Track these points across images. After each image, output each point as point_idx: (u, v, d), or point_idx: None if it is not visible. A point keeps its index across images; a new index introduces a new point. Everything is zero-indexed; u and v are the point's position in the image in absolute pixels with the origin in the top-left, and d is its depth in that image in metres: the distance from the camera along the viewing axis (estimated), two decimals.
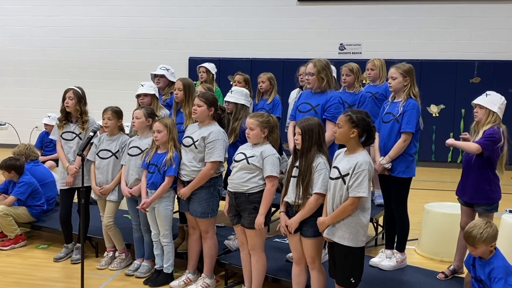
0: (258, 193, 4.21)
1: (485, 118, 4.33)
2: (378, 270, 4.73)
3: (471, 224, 3.81)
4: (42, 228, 6.10)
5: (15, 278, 5.07)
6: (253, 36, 12.07)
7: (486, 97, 4.41)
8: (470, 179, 4.44)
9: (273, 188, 4.20)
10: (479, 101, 4.41)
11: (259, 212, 4.19)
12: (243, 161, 4.24)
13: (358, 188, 3.59)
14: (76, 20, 12.67)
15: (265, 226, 4.31)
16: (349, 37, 11.80)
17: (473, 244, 3.68)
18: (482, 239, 3.65)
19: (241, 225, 4.33)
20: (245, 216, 4.27)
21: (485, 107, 4.34)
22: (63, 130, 5.35)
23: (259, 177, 4.21)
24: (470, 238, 3.69)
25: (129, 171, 5.00)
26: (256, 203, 4.22)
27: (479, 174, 4.37)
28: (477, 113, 4.39)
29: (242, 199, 4.27)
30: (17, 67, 12.96)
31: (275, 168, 4.19)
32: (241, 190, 4.25)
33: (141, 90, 5.36)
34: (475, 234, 3.67)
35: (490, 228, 3.70)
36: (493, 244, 3.71)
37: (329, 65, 4.80)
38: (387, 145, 4.69)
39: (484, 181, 4.36)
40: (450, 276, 4.61)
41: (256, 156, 4.20)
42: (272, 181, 4.19)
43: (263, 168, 4.19)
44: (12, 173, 6.02)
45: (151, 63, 8.26)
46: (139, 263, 5.16)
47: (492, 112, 4.33)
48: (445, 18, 11.44)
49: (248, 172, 4.22)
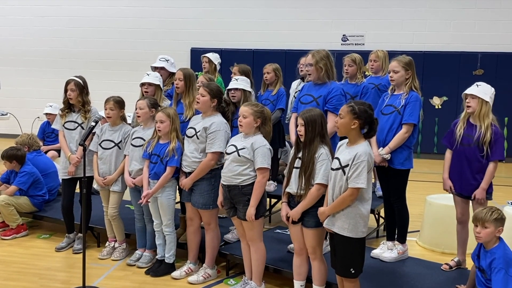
0: (251, 185, 4.19)
1: (479, 108, 4.36)
2: (380, 262, 4.74)
3: (480, 208, 3.89)
4: (44, 218, 6.11)
5: (16, 268, 5.08)
6: (255, 27, 12.04)
7: (478, 88, 4.42)
8: (468, 172, 4.46)
9: (264, 179, 4.19)
10: (471, 91, 4.41)
11: (250, 204, 4.18)
12: (234, 153, 4.22)
13: (357, 179, 3.59)
14: (78, 10, 12.64)
15: (261, 217, 4.30)
16: (352, 28, 11.75)
17: (483, 223, 3.69)
18: (493, 217, 3.70)
19: (237, 217, 4.34)
20: (240, 208, 4.27)
21: (478, 97, 4.35)
22: (65, 119, 5.35)
23: (250, 169, 4.20)
24: (481, 217, 3.72)
25: (132, 161, 5.00)
26: (249, 195, 4.20)
27: (479, 168, 4.41)
28: (470, 103, 4.40)
29: (235, 192, 4.26)
30: (19, 57, 12.94)
31: (266, 160, 4.17)
32: (234, 182, 4.23)
33: (146, 79, 5.31)
34: (486, 212, 3.73)
35: (499, 211, 3.78)
36: (500, 230, 3.72)
37: (328, 55, 4.76)
38: (388, 137, 4.68)
39: (483, 173, 4.41)
40: (454, 268, 4.62)
41: (246, 148, 4.18)
42: (263, 173, 4.17)
43: (254, 160, 4.17)
44: (14, 163, 6.02)
45: (153, 54, 8.22)
46: (140, 253, 5.17)
47: (485, 101, 4.35)
48: (449, 10, 11.39)
49: (239, 165, 4.20)
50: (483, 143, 4.33)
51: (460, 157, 4.50)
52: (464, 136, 4.45)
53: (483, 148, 4.34)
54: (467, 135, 4.44)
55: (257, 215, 4.22)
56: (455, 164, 4.55)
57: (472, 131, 4.41)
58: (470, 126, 4.44)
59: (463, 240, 4.69)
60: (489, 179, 4.41)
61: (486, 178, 4.40)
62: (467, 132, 4.44)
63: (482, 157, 4.37)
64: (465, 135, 4.45)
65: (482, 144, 4.34)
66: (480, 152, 4.37)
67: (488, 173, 4.39)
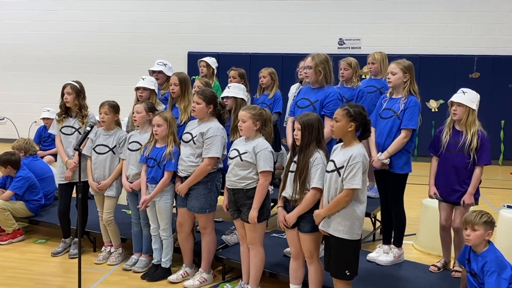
0: (255, 188, 4.21)
1: (466, 117, 4.39)
2: (376, 265, 4.73)
3: (469, 212, 3.90)
4: (40, 223, 6.09)
5: (12, 273, 5.07)
6: (252, 31, 12.07)
7: (464, 95, 4.44)
8: (455, 179, 4.48)
9: (266, 182, 4.20)
10: (458, 99, 4.43)
11: (252, 206, 4.19)
12: (236, 158, 4.24)
13: (352, 180, 3.60)
14: (76, 14, 12.66)
15: (264, 221, 4.32)
16: (349, 32, 11.79)
17: (473, 226, 3.70)
18: (483, 220, 3.70)
19: (241, 219, 4.34)
20: (244, 211, 4.28)
21: (465, 105, 4.36)
22: (62, 124, 5.35)
23: (253, 172, 4.21)
24: (470, 219, 3.73)
25: (129, 165, 5.00)
26: (254, 198, 4.21)
27: (466, 174, 4.44)
28: (456, 111, 4.42)
29: (240, 195, 4.27)
30: (16, 61, 12.95)
31: (268, 163, 4.18)
32: (239, 186, 4.25)
33: (141, 83, 5.34)
34: (475, 215, 3.74)
35: (489, 214, 3.79)
36: (490, 233, 3.74)
37: (328, 59, 4.77)
38: (387, 141, 4.68)
39: (470, 179, 4.44)
40: (442, 269, 4.64)
41: (248, 152, 4.19)
42: (265, 176, 4.19)
43: (257, 164, 4.18)
44: (9, 168, 6.01)
45: (150, 58, 8.24)
46: (136, 258, 5.16)
47: (471, 109, 4.37)
48: (445, 13, 11.44)
49: (243, 169, 4.22)
50: (470, 150, 4.36)
51: (447, 164, 4.52)
52: (450, 142, 4.48)
53: (469, 155, 4.37)
54: (453, 141, 4.46)
55: (261, 218, 4.23)
56: (441, 170, 4.58)
57: (458, 137, 4.44)
58: (456, 133, 4.47)
59: (447, 243, 4.73)
60: (476, 184, 4.43)
61: (473, 183, 4.42)
62: (453, 138, 4.47)
63: (469, 163, 4.40)
64: (451, 141, 4.47)
65: (469, 151, 4.37)
66: (467, 159, 4.40)
67: (475, 178, 4.42)
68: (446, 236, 4.70)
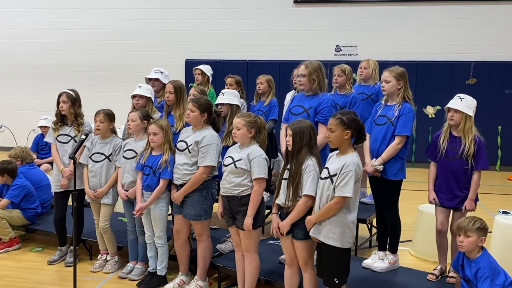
0: (249, 195, 4.22)
1: (463, 123, 4.41)
2: (371, 272, 4.73)
3: (462, 218, 3.91)
4: (37, 231, 6.10)
5: (9, 281, 5.07)
6: (249, 38, 12.10)
7: (461, 101, 4.45)
8: (454, 185, 4.50)
9: (261, 189, 4.21)
10: (455, 105, 4.45)
11: (247, 213, 4.19)
12: (231, 165, 4.25)
13: (344, 188, 3.61)
14: (73, 23, 12.68)
15: (259, 228, 4.32)
16: (345, 38, 11.82)
17: (466, 232, 3.72)
18: (476, 226, 3.72)
19: (236, 227, 4.34)
20: (239, 218, 4.28)
21: (462, 112, 4.39)
22: (58, 133, 5.36)
23: (248, 179, 4.22)
24: (463, 226, 3.74)
25: (124, 173, 5.00)
26: (248, 205, 4.22)
27: (465, 180, 4.46)
28: (453, 117, 4.44)
29: (234, 202, 4.28)
30: (14, 70, 12.96)
31: (262, 170, 4.19)
32: (233, 193, 4.26)
33: (137, 91, 5.37)
34: (469, 221, 3.76)
35: (482, 221, 3.81)
36: (483, 239, 3.75)
37: (321, 67, 4.80)
38: (381, 148, 4.70)
39: (469, 184, 4.46)
40: (440, 277, 4.63)
41: (243, 159, 4.20)
42: (259, 183, 4.19)
43: (251, 171, 4.19)
44: (5, 176, 6.01)
45: (148, 66, 8.24)
46: (132, 266, 5.16)
47: (469, 116, 4.39)
48: (441, 20, 11.47)
49: (237, 176, 4.23)
50: (468, 156, 4.39)
51: (445, 170, 4.54)
52: (448, 148, 4.50)
53: (467, 161, 4.40)
54: (451, 147, 4.48)
55: (255, 225, 4.23)
56: (440, 176, 4.60)
57: (456, 143, 4.46)
58: (453, 139, 4.49)
59: (443, 249, 4.73)
60: (475, 189, 4.46)
61: (472, 189, 4.45)
62: (451, 144, 4.49)
63: (467, 169, 4.42)
64: (449, 147, 4.49)
65: (467, 157, 4.39)
66: (465, 165, 4.42)
67: (474, 183, 4.44)
68: (442, 240, 4.71)
